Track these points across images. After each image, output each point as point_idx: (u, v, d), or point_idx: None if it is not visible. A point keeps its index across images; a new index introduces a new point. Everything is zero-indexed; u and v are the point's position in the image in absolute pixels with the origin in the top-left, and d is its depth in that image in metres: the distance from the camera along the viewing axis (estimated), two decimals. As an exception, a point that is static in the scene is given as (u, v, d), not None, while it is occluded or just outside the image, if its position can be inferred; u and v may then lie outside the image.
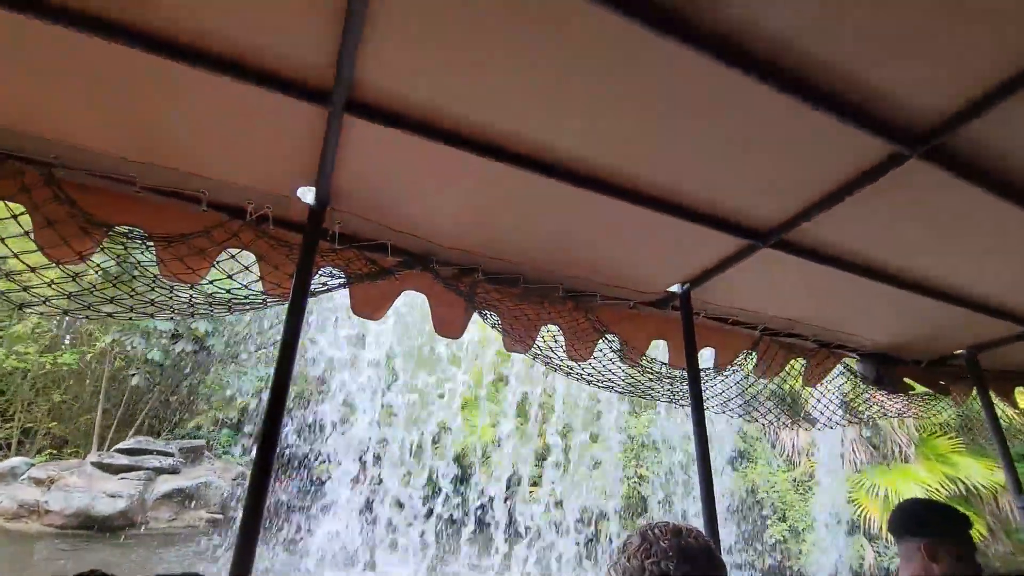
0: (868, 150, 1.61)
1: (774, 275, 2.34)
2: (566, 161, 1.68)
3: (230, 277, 1.76)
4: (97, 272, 1.61)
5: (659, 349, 2.65)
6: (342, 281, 1.94)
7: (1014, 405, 3.59)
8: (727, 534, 12.14)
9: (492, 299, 2.17)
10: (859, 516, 11.26)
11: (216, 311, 1.87)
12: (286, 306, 1.67)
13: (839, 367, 3.18)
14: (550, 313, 2.26)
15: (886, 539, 11.04)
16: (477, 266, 2.16)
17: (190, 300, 1.80)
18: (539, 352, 2.37)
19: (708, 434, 2.19)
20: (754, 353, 2.77)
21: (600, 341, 2.33)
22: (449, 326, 2.10)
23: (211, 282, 1.74)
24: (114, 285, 1.64)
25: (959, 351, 3.21)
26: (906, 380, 3.25)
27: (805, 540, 11.66)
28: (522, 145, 1.62)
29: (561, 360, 2.39)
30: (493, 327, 2.19)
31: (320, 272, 1.90)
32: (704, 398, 2.42)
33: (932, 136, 1.54)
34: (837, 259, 2.21)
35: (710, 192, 1.84)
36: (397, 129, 1.52)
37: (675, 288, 2.43)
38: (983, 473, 11.09)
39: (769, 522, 12.12)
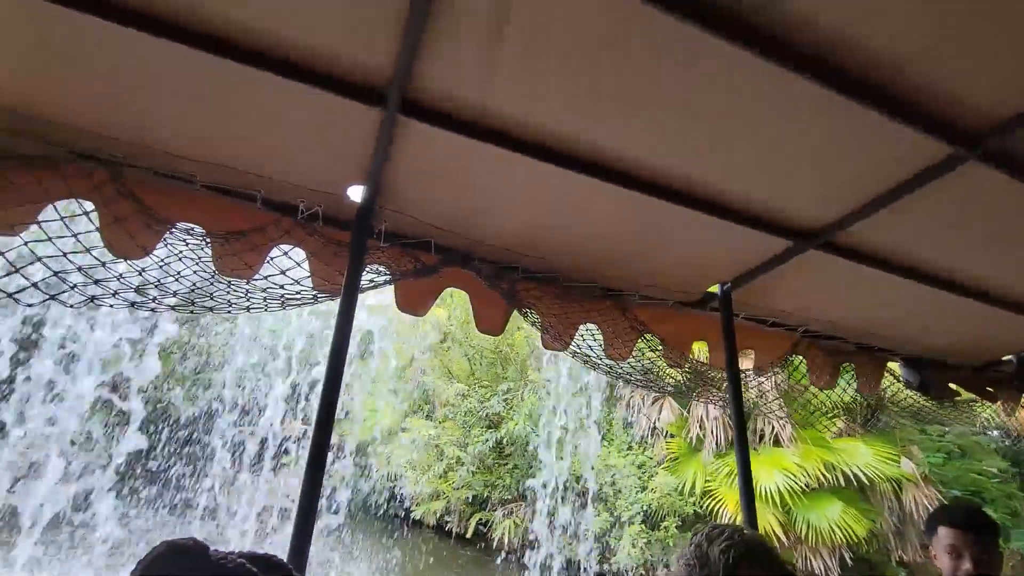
0: (924, 151, 1.57)
1: (818, 277, 2.30)
2: (612, 162, 1.69)
3: (283, 273, 1.82)
4: (162, 266, 1.68)
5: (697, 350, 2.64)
6: (388, 278, 1.98)
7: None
8: (540, 525, 10.93)
9: (532, 297, 2.19)
10: (710, 508, 9.99)
11: (270, 306, 1.93)
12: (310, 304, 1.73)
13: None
14: (588, 312, 2.28)
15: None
16: (517, 264, 2.19)
17: (246, 295, 1.87)
18: (578, 351, 2.39)
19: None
20: (796, 356, 2.73)
21: (639, 340, 2.34)
22: (490, 323, 2.13)
23: (265, 277, 1.80)
24: (176, 280, 1.72)
25: (1008, 357, 3.10)
26: (952, 386, 3.16)
27: (622, 535, 10.38)
28: (568, 146, 1.63)
29: (600, 359, 2.40)
30: (532, 325, 2.21)
31: (367, 269, 1.95)
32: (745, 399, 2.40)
33: (991, 137, 1.50)
34: (885, 261, 2.16)
35: (758, 193, 1.83)
36: (447, 130, 1.55)
37: (715, 288, 2.41)
38: (877, 462, 9.69)
39: (596, 510, 10.76)
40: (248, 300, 1.88)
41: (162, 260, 1.70)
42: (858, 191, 1.79)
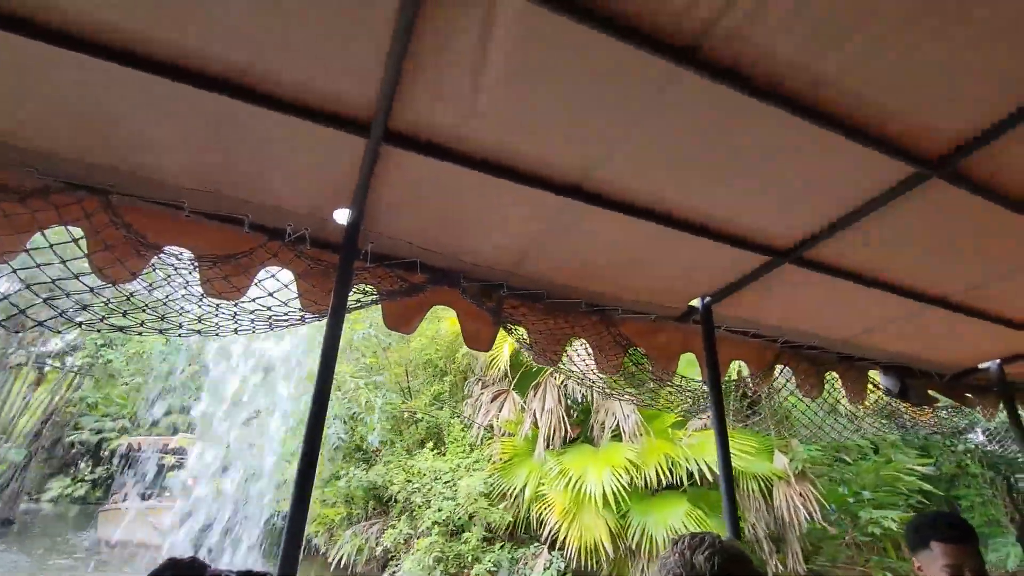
0: (888, 171, 1.65)
1: (794, 290, 2.36)
2: (593, 184, 1.74)
3: (271, 295, 1.85)
4: (149, 291, 1.70)
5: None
6: (375, 297, 2.02)
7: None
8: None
9: (518, 314, 2.24)
10: (538, 513, 8.96)
11: (258, 327, 1.96)
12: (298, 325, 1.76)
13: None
14: (574, 327, 2.32)
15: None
16: (502, 283, 2.23)
17: (234, 317, 1.90)
18: (561, 367, 2.43)
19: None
20: (783, 366, 2.79)
21: (624, 356, 2.38)
22: (477, 340, 2.17)
23: (252, 300, 1.83)
24: (164, 303, 1.74)
25: (985, 364, 3.18)
26: (931, 392, 3.23)
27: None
28: (549, 169, 1.69)
29: (593, 373, 2.44)
30: (519, 342, 2.25)
31: (354, 289, 1.99)
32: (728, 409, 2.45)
33: (952, 157, 1.58)
34: (857, 274, 2.23)
35: (734, 212, 1.89)
36: (430, 157, 1.60)
37: (696, 302, 2.47)
38: (737, 457, 8.34)
39: (395, 523, 9.57)
40: (236, 323, 1.90)
41: (150, 285, 1.72)
42: (829, 209, 1.86)
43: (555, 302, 2.32)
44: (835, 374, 2.97)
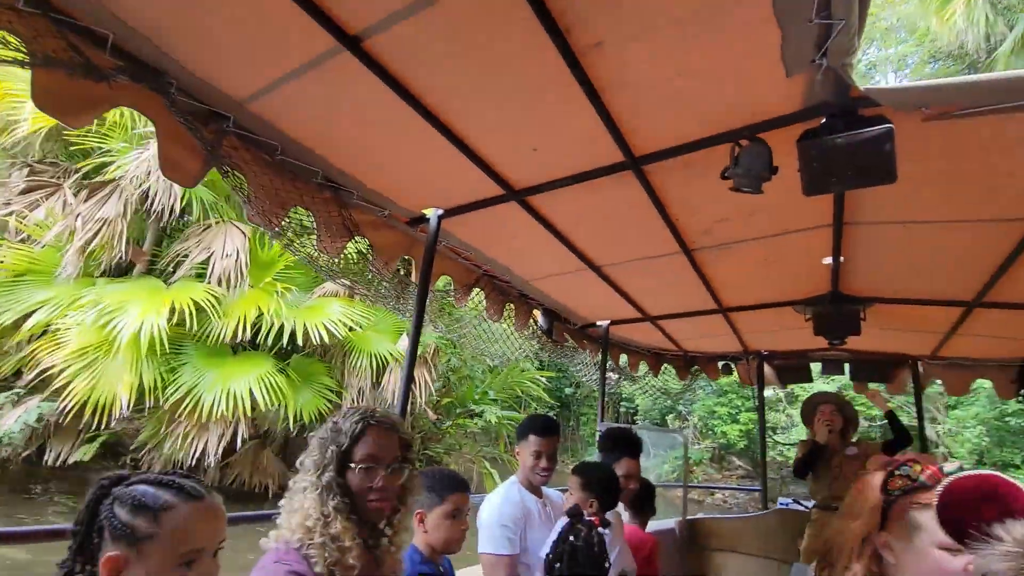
0: (609, 153, 2.04)
1: (508, 227, 2.72)
2: (373, 43, 1.57)
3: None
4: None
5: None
6: (18, 56, 1.37)
7: (617, 365, 5.12)
8: None
9: (239, 158, 1.88)
10: None
11: None
12: None
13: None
14: (302, 196, 2.11)
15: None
16: (230, 115, 1.84)
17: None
18: (282, 234, 2.19)
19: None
20: (479, 289, 3.18)
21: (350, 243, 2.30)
22: (179, 170, 1.72)
23: None
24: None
25: (602, 322, 4.37)
26: (565, 334, 4.26)
27: None
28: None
29: (307, 249, 2.26)
30: (236, 190, 1.91)
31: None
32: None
33: (646, 160, 2.06)
34: (555, 228, 2.71)
35: (493, 140, 2.02)
36: None
37: (429, 212, 2.57)
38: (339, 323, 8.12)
39: None
40: None
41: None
42: (560, 166, 2.19)
43: (289, 161, 2.05)
44: (512, 306, 3.59)
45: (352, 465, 1.25)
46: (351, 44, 1.54)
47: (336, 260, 2.37)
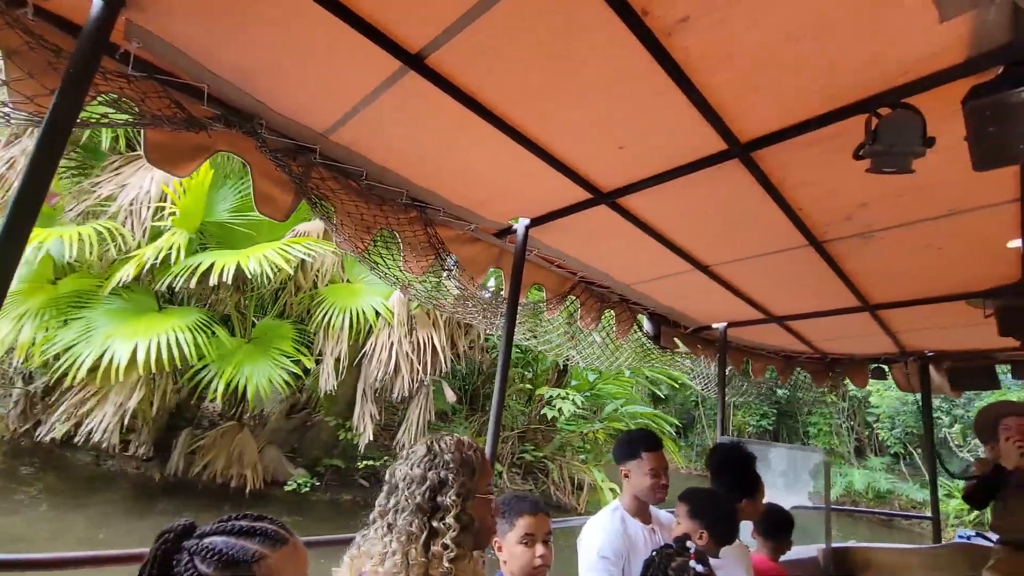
0: (707, 143, 1.78)
1: (601, 230, 2.53)
2: (439, 60, 1.51)
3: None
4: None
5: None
6: (132, 118, 1.52)
7: (739, 370, 4.62)
8: None
9: (327, 188, 1.95)
10: None
11: None
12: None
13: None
14: (388, 218, 2.13)
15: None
16: (315, 147, 1.90)
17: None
18: (367, 257, 2.24)
19: None
20: (575, 297, 3.03)
21: (435, 260, 2.30)
22: (272, 205, 1.83)
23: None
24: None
25: (717, 324, 3.96)
26: (675, 339, 3.93)
27: None
28: (391, 25, 1.41)
29: (392, 270, 2.30)
30: (324, 219, 1.99)
31: (100, 99, 1.46)
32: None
33: (752, 145, 1.76)
34: (652, 229, 2.47)
35: (574, 144, 1.87)
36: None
37: (516, 222, 2.48)
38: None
39: None
40: None
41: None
42: (652, 163, 1.97)
43: (374, 185, 2.08)
44: (613, 312, 3.37)
45: None
46: (415, 62, 1.50)
47: (424, 279, 2.37)
